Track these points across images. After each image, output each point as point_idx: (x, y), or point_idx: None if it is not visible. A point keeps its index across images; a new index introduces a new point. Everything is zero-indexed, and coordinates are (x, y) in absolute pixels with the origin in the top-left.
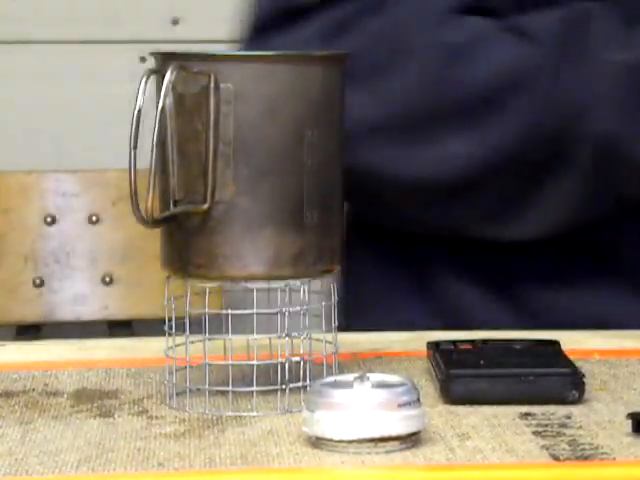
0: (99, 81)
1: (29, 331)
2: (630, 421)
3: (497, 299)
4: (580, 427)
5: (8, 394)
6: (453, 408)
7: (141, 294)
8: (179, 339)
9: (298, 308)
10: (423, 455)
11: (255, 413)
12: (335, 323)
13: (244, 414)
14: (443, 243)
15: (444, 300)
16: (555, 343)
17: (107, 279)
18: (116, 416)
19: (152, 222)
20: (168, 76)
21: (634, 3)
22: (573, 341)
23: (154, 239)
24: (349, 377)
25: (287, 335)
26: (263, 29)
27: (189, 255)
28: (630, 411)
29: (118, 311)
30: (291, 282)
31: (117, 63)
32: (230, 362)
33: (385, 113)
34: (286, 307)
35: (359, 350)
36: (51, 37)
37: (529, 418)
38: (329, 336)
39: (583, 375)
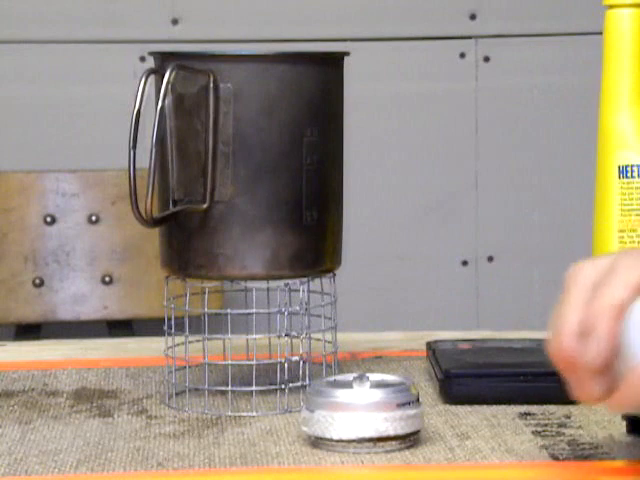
0: (99, 81)
1: (29, 331)
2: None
3: None
4: (580, 427)
5: (8, 394)
6: (453, 408)
7: (141, 294)
8: (178, 339)
9: (297, 308)
10: (422, 455)
11: (254, 413)
12: (335, 323)
13: (243, 414)
14: None
15: None
16: None
17: (107, 279)
18: (115, 416)
19: (151, 221)
20: (167, 76)
21: None
22: None
23: (154, 239)
24: (348, 377)
25: (286, 335)
26: None
27: (188, 255)
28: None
29: (118, 311)
30: (290, 282)
31: (117, 63)
32: (229, 362)
33: None
34: (285, 307)
35: (358, 350)
36: (51, 37)
37: (529, 418)
38: (328, 336)
39: None
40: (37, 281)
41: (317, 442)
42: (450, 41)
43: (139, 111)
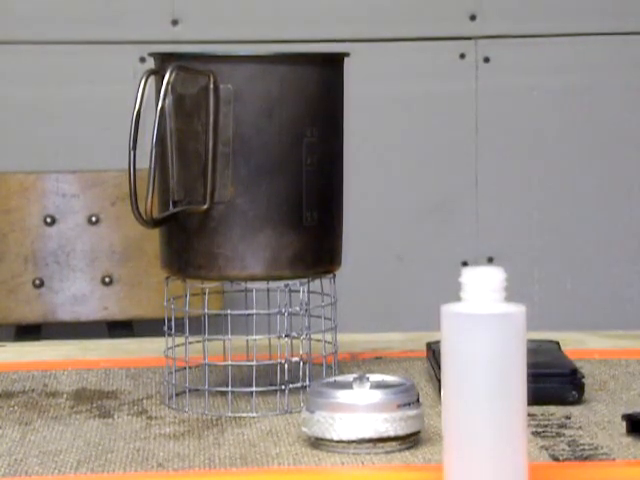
0: (99, 81)
1: (29, 331)
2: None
3: None
4: (580, 427)
5: (7, 394)
6: None
7: (141, 294)
8: (178, 339)
9: (297, 309)
10: (422, 455)
11: (254, 414)
12: (335, 323)
13: (243, 415)
14: None
15: None
16: (555, 343)
17: (107, 279)
18: (115, 416)
19: (151, 222)
20: (167, 76)
21: None
22: (573, 341)
23: (154, 239)
24: (349, 377)
25: (286, 335)
26: None
27: (189, 256)
28: (629, 412)
29: (118, 311)
30: (290, 283)
31: (117, 63)
32: (229, 363)
33: None
34: (285, 308)
35: (358, 350)
36: (51, 37)
37: (529, 419)
38: (328, 336)
39: (583, 375)
40: (37, 282)
41: (317, 443)
42: (450, 42)
43: (139, 112)
